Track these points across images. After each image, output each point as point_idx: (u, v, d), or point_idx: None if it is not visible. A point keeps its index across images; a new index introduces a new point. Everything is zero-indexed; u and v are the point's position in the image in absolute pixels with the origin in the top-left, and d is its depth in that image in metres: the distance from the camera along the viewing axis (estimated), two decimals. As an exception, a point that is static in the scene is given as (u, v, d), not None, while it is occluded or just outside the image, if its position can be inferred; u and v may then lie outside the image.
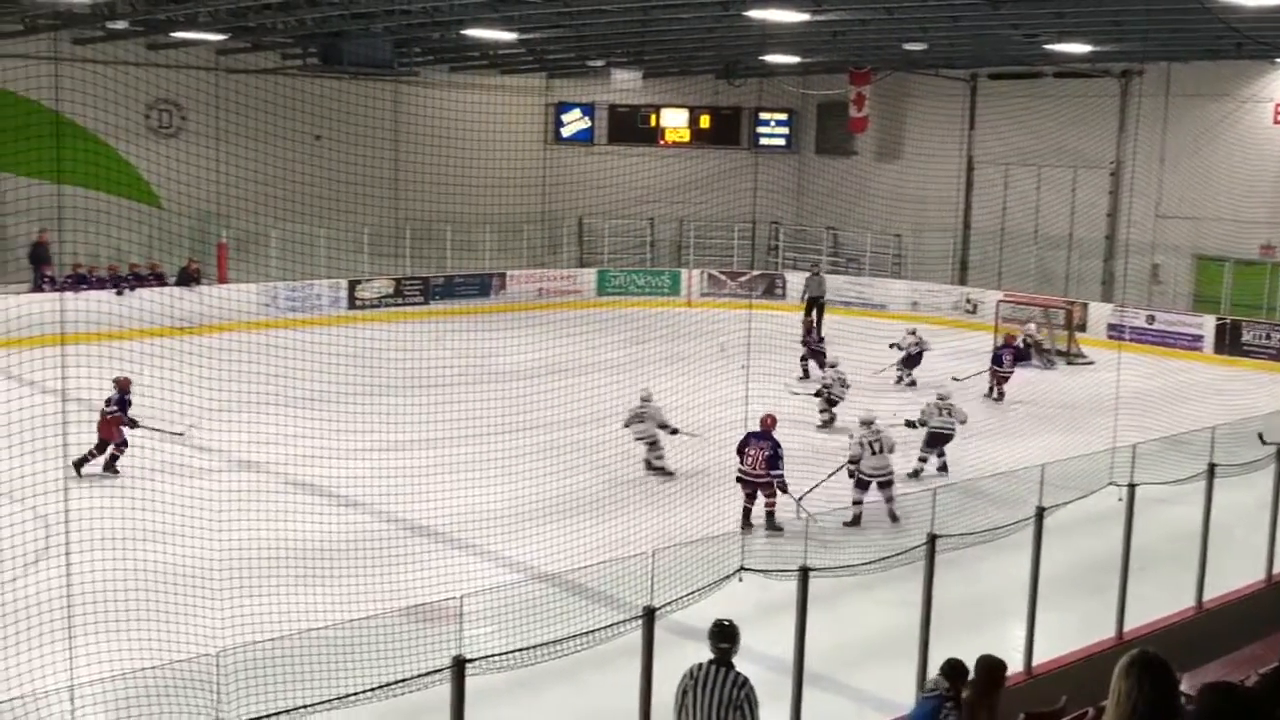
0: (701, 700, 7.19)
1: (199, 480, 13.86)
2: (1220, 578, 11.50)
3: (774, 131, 35.55)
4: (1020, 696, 8.96)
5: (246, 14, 22.33)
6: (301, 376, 16.31)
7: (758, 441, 14.50)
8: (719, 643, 7.35)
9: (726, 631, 7.38)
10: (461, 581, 10.33)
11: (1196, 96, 28.37)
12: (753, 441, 14.51)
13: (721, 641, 7.35)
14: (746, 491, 14.51)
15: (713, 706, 7.16)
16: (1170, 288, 29.10)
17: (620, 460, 16.12)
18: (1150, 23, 20.67)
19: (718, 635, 7.37)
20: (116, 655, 8.88)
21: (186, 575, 11.02)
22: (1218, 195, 28.06)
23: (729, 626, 7.41)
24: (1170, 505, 12.24)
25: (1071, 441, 16.81)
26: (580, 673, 9.42)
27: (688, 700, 7.24)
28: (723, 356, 18.93)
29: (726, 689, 7.21)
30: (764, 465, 14.35)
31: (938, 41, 25.65)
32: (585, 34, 25.57)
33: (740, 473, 14.55)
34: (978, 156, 32.66)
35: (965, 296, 31.23)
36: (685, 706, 7.24)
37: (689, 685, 7.28)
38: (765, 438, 14.58)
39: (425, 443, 15.93)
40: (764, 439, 14.55)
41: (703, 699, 7.19)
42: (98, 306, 20.88)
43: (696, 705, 7.20)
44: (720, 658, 7.33)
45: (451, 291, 30.65)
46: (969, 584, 11.76)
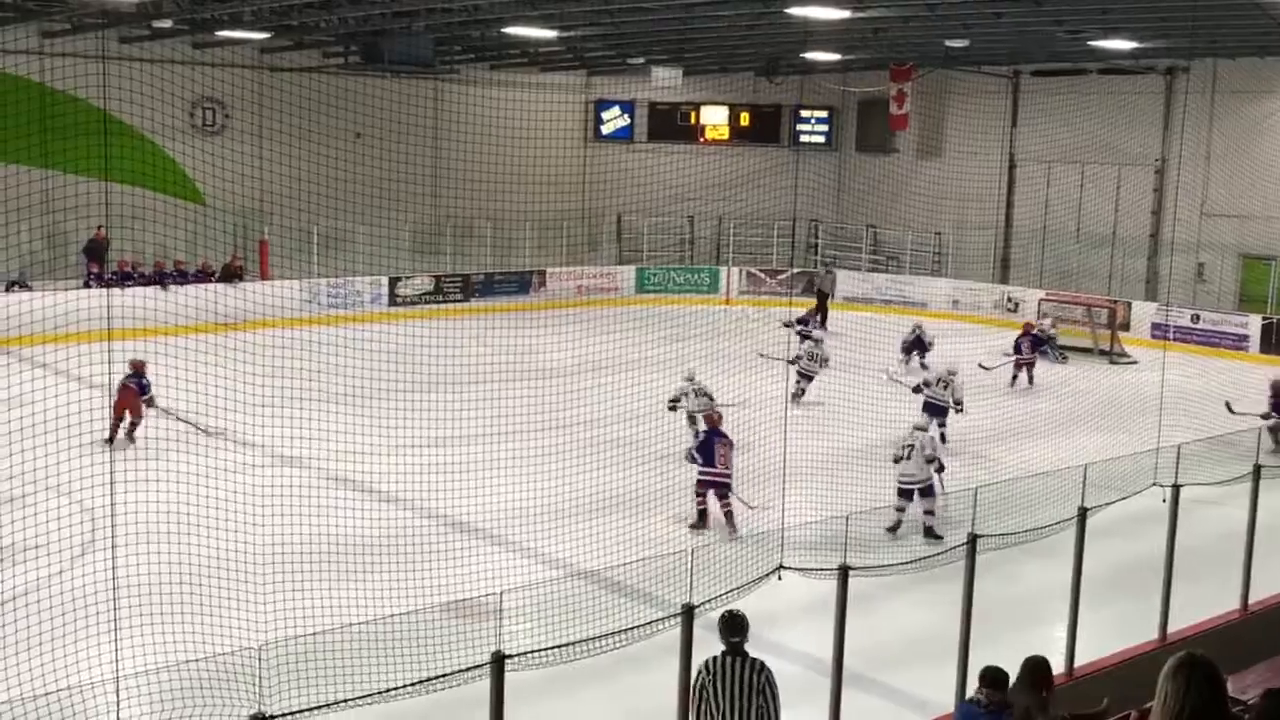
0: (723, 692, 7.22)
1: (241, 475, 13.96)
2: (1266, 580, 11.36)
3: (814, 129, 35.43)
4: (1062, 697, 8.88)
5: (289, 12, 22.51)
6: (342, 373, 16.42)
7: (722, 440, 14.46)
8: (730, 635, 7.40)
9: (737, 623, 7.44)
10: (501, 578, 10.37)
11: (1243, 93, 28.03)
12: (718, 441, 14.42)
13: (733, 635, 7.40)
14: (708, 492, 14.35)
15: (736, 696, 7.21)
16: (1215, 287, 28.78)
17: (660, 458, 16.12)
18: (1196, 19, 20.44)
19: (728, 628, 7.42)
20: (160, 648, 8.97)
21: (229, 569, 11.10)
22: (1264, 193, 27.72)
23: (739, 617, 7.47)
24: (1215, 506, 12.12)
25: (1114, 441, 16.68)
26: (618, 670, 9.44)
27: (708, 694, 7.25)
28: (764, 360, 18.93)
29: (747, 676, 7.27)
30: (730, 463, 14.36)
31: (980, 38, 25.48)
32: (625, 31, 25.57)
33: (708, 474, 14.35)
34: (1019, 154, 32.41)
35: (1006, 295, 31.01)
36: (706, 700, 7.26)
37: (706, 680, 7.30)
38: (724, 435, 14.61)
39: (465, 439, 15.99)
40: (724, 437, 14.57)
41: (724, 690, 7.23)
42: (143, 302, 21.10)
43: (719, 697, 7.22)
44: (733, 649, 7.37)
45: (491, 289, 30.75)
46: (1009, 585, 11.69)
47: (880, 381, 19.57)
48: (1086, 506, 9.70)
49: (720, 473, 14.31)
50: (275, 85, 26.15)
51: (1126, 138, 29.77)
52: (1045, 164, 31.68)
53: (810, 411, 15.09)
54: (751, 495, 14.04)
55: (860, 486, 14.50)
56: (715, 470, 14.31)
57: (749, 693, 7.24)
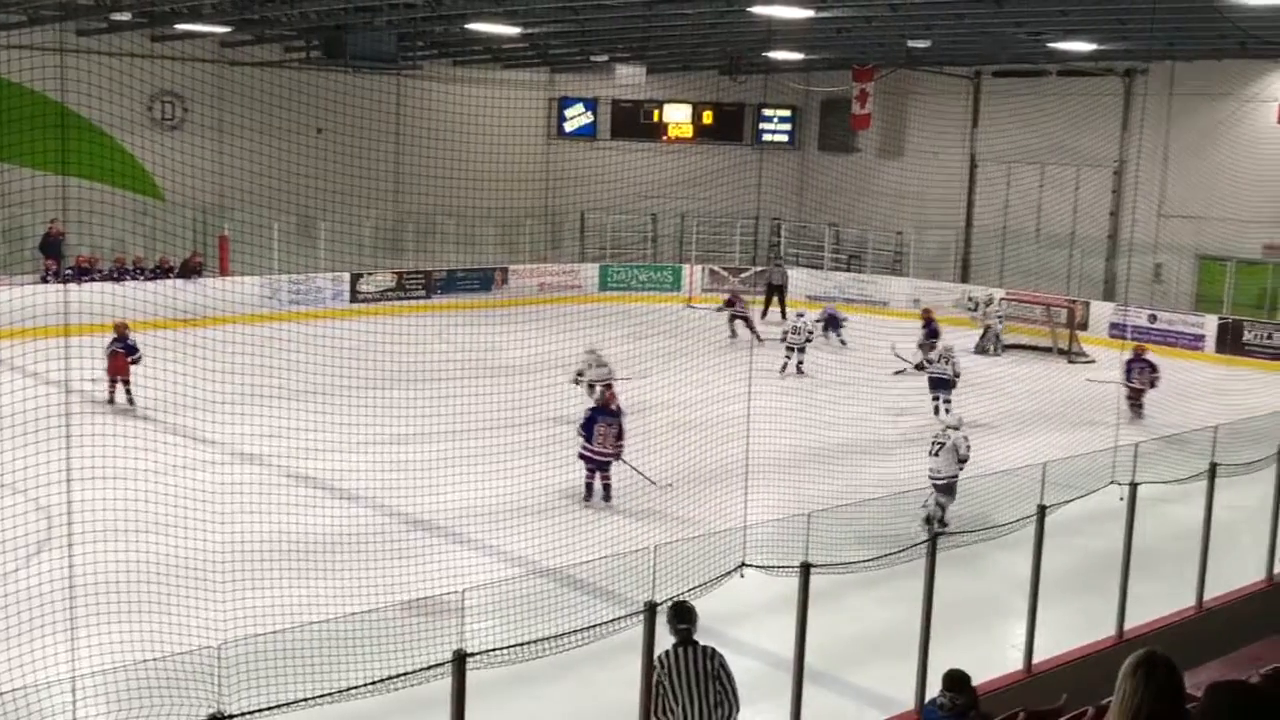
0: (680, 683, 7.35)
1: (200, 473, 13.86)
2: (1221, 577, 11.50)
3: (777, 128, 35.54)
4: (1020, 694, 8.97)
5: (250, 6, 22.34)
6: (303, 370, 16.31)
7: (605, 419, 15.02)
8: (679, 624, 7.53)
9: (684, 611, 7.58)
10: (462, 576, 10.34)
11: (1200, 96, 28.36)
12: (600, 419, 14.98)
13: (681, 622, 7.54)
14: (591, 468, 14.97)
15: (693, 685, 7.35)
16: (1172, 287, 29.09)
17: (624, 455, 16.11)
18: (1154, 21, 20.65)
19: (677, 617, 7.55)
20: (118, 647, 8.88)
21: (188, 568, 11.02)
22: (1221, 195, 28.04)
23: (686, 606, 7.61)
24: (1172, 504, 12.24)
25: (1073, 440, 16.83)
26: (581, 668, 9.43)
27: (665, 688, 7.37)
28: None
29: (701, 664, 7.42)
30: (612, 443, 14.93)
31: (941, 39, 25.62)
32: (589, 29, 25.55)
33: (589, 451, 14.96)
34: (980, 154, 32.64)
35: (967, 294, 31.22)
36: (664, 694, 7.37)
37: (662, 675, 7.41)
38: (611, 414, 15.17)
39: (427, 437, 15.93)
40: (610, 416, 15.14)
41: (681, 681, 7.36)
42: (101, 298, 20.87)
43: (677, 688, 7.35)
44: (683, 638, 7.51)
45: (453, 286, 30.64)
46: (970, 582, 11.76)
47: (840, 381, 19.66)
48: (1046, 504, 9.78)
49: (598, 450, 14.94)
50: (235, 80, 25.95)
51: (1086, 139, 30.06)
52: (1006, 164, 31.93)
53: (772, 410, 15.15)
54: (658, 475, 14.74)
55: (822, 485, 14.56)
56: (593, 448, 14.96)
57: (705, 680, 7.38)
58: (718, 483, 14.61)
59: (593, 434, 14.97)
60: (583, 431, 15.12)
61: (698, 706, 7.32)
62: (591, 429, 14.99)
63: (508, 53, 30.49)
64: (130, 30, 24.43)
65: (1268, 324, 27.07)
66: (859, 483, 14.41)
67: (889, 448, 17.56)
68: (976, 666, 9.32)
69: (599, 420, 15.02)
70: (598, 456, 14.99)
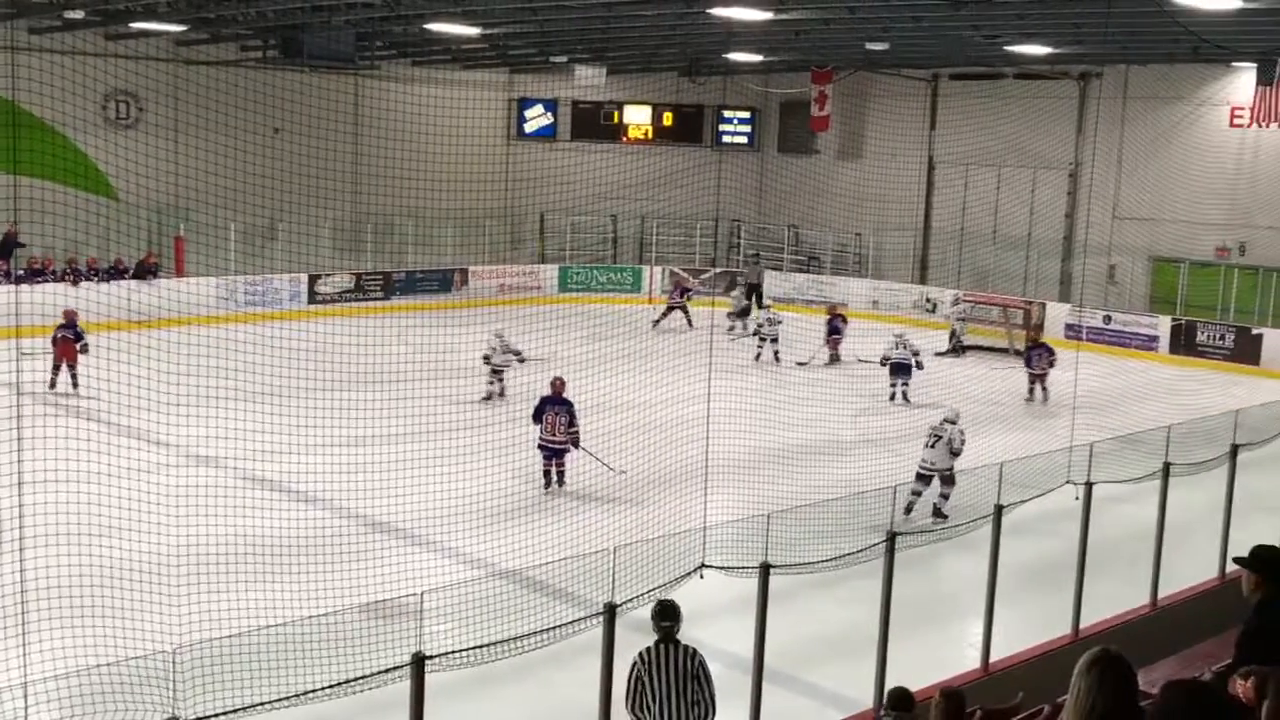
0: (659, 680, 7.38)
1: (155, 475, 13.70)
2: (1175, 575, 11.62)
3: (736, 129, 35.63)
4: (977, 693, 9.02)
5: (206, 5, 22.15)
6: (260, 371, 16.17)
7: (554, 407, 15.44)
8: (662, 621, 7.58)
9: (669, 610, 7.64)
10: (421, 578, 10.27)
11: (1154, 99, 28.69)
12: (549, 408, 15.44)
13: (664, 620, 7.59)
14: (547, 455, 15.45)
15: (672, 683, 7.38)
16: (1127, 289, 29.41)
17: (582, 457, 16.10)
18: (1109, 26, 20.86)
19: (661, 614, 7.61)
20: (71, 652, 8.75)
21: (142, 571, 10.89)
22: (1174, 197, 28.37)
23: (670, 604, 7.67)
24: (1126, 504, 12.36)
25: (1029, 440, 16.96)
26: (541, 670, 9.41)
27: (644, 684, 7.39)
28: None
29: (681, 663, 7.45)
30: (562, 430, 15.37)
31: (899, 41, 25.77)
32: (548, 30, 25.50)
33: (541, 440, 15.45)
34: (938, 156, 32.86)
35: (925, 295, 31.42)
36: (643, 691, 7.39)
37: (641, 671, 7.42)
38: (560, 403, 15.53)
39: (385, 439, 15.85)
40: (559, 404, 15.51)
41: (660, 678, 7.39)
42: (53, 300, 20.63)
43: (656, 685, 7.37)
44: (665, 636, 7.55)
45: (412, 287, 30.51)
46: (928, 582, 11.83)
47: (803, 383, 19.74)
48: (1002, 504, 9.85)
49: (548, 438, 15.43)
50: (191, 79, 25.73)
51: (1041, 141, 30.33)
52: (963, 166, 32.16)
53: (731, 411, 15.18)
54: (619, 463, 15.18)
55: (781, 485, 14.60)
56: (545, 436, 15.49)
57: (684, 679, 7.41)
58: (677, 484, 14.63)
59: (542, 421, 15.48)
60: (534, 420, 15.61)
61: (675, 704, 7.36)
62: (541, 417, 15.50)
63: (467, 53, 30.38)
64: (84, 29, 24.14)
65: (1220, 325, 27.41)
66: (818, 483, 14.47)
67: (847, 448, 17.64)
68: (934, 666, 9.40)
69: (548, 409, 15.46)
70: (550, 444, 15.44)
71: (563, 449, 15.49)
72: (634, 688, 7.42)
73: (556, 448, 15.48)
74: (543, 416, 15.51)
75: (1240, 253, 28.17)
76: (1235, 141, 28.06)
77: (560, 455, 15.52)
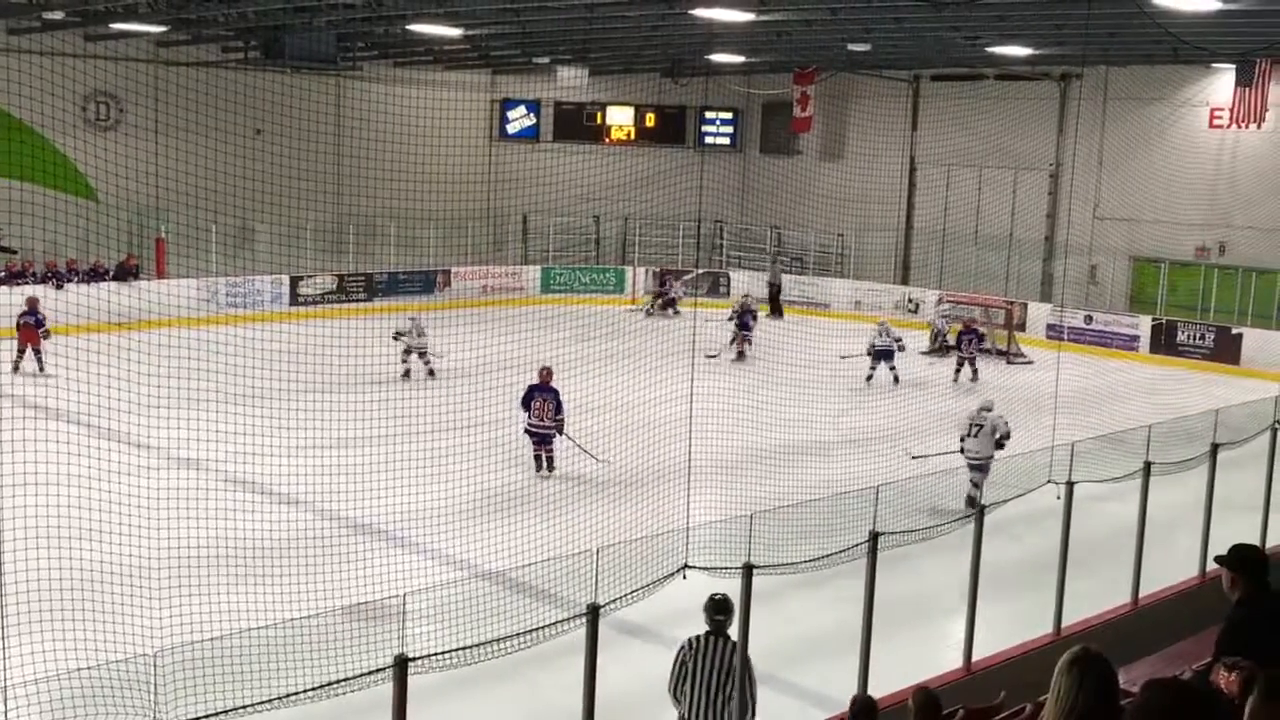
0: (702, 668, 7.75)
1: (136, 478, 13.64)
2: (1156, 574, 11.67)
3: (719, 130, 35.67)
4: (959, 692, 9.04)
5: (187, 5, 22.06)
6: (242, 373, 16.12)
7: (542, 394, 16.18)
8: (715, 615, 7.91)
9: (723, 605, 7.93)
10: (403, 580, 10.26)
11: (1134, 100, 28.82)
12: (537, 395, 16.18)
13: (718, 614, 7.90)
14: (536, 441, 16.22)
15: (713, 674, 7.74)
16: (1107, 289, 29.54)
17: (565, 458, 16.10)
18: (1089, 27, 20.96)
19: (714, 608, 7.93)
20: (51, 655, 8.72)
21: (123, 574, 10.84)
22: (1154, 198, 28.52)
23: (724, 600, 7.93)
24: (1107, 502, 12.41)
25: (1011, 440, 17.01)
26: (524, 671, 9.40)
27: (687, 669, 7.79)
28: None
29: (725, 657, 7.80)
30: (550, 416, 16.12)
31: (881, 42, 25.84)
32: (530, 31, 25.48)
33: (530, 425, 16.20)
34: (920, 157, 32.96)
35: (907, 296, 31.51)
36: (685, 675, 7.79)
37: (688, 656, 7.83)
38: (548, 390, 16.25)
39: (367, 440, 15.82)
40: (547, 391, 16.23)
41: (703, 667, 7.75)
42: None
43: (698, 672, 7.75)
44: (716, 629, 7.87)
45: (395, 288, 30.46)
46: (911, 581, 11.85)
47: (785, 383, 19.77)
48: (985, 503, 9.88)
49: (536, 424, 16.18)
50: (172, 80, 25.57)
51: (1022, 142, 30.45)
52: (945, 167, 32.26)
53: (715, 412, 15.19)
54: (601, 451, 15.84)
55: (764, 485, 14.64)
56: (533, 421, 16.25)
57: (724, 673, 7.74)
58: (660, 484, 14.64)
59: (530, 408, 16.18)
60: (522, 407, 16.30)
61: (711, 695, 7.67)
62: (529, 404, 16.21)
63: (449, 54, 30.34)
64: (64, 29, 24.03)
65: (1200, 325, 27.56)
66: (801, 483, 14.51)
67: (830, 448, 17.68)
68: (916, 665, 9.43)
69: (536, 395, 16.19)
70: (538, 429, 16.11)
71: (550, 434, 16.11)
72: (678, 672, 7.81)
73: (545, 433, 16.11)
74: (531, 403, 16.14)
75: (1220, 253, 28.33)
76: (1215, 142, 28.22)
77: (549, 441, 16.17)
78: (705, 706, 7.73)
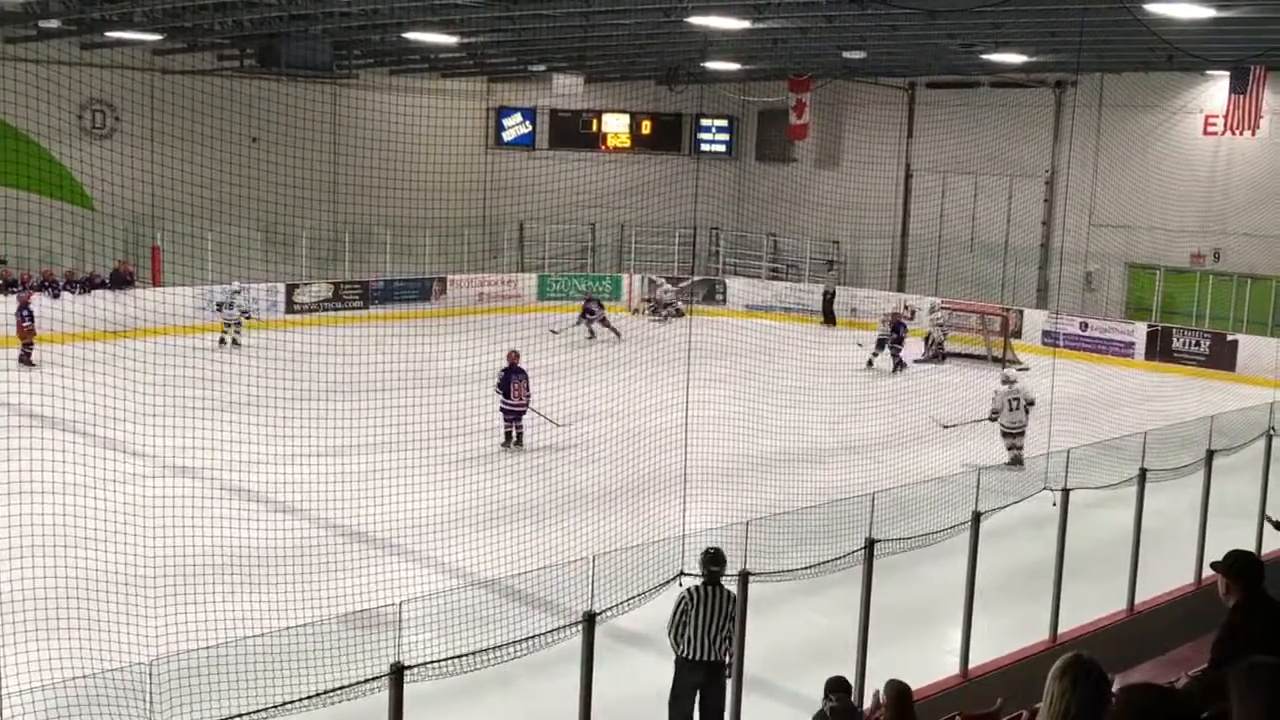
0: (703, 614, 8.62)
1: (133, 486, 13.64)
2: (1151, 580, 11.68)
3: (715, 138, 35.70)
4: (956, 699, 9.05)
5: (183, 14, 22.05)
6: (237, 381, 16.12)
7: (516, 376, 17.59)
8: (711, 566, 8.66)
9: (717, 557, 8.68)
10: (399, 588, 10.25)
11: (1129, 107, 28.87)
12: (514, 378, 17.57)
13: (713, 565, 8.66)
14: (509, 419, 17.64)
15: (712, 618, 8.64)
16: (1103, 295, 29.57)
17: (562, 465, 16.10)
18: (1083, 35, 21.00)
19: (711, 560, 8.68)
20: (47, 664, 8.71)
21: (119, 583, 10.83)
22: (1149, 204, 28.56)
23: (719, 552, 8.70)
24: (1103, 509, 12.42)
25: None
26: (520, 679, 9.40)
27: (689, 616, 8.64)
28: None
29: (722, 604, 8.65)
30: (524, 395, 17.61)
31: (876, 50, 25.88)
32: (526, 38, 25.52)
33: (507, 404, 17.59)
34: (915, 164, 33.00)
35: (903, 303, 31.51)
36: (686, 621, 8.66)
37: (688, 604, 8.64)
38: (519, 371, 17.67)
39: (363, 448, 15.82)
40: (518, 373, 17.65)
41: (704, 613, 8.63)
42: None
43: (699, 618, 8.62)
44: (712, 579, 8.66)
45: (391, 296, 30.46)
46: (907, 588, 11.85)
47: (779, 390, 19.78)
48: (981, 510, 9.88)
49: (515, 404, 17.63)
50: (168, 88, 25.62)
51: (1018, 149, 30.50)
52: (940, 174, 32.30)
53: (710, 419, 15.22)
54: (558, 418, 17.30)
55: (761, 492, 14.65)
56: (512, 401, 17.64)
57: (722, 618, 8.64)
58: (657, 491, 14.64)
59: (509, 389, 17.57)
60: (500, 390, 17.65)
61: (711, 637, 8.64)
62: (508, 386, 17.59)
63: (445, 62, 30.37)
64: (60, 38, 24.02)
65: (1195, 331, 27.59)
66: (797, 490, 14.52)
67: (827, 455, 17.69)
68: (913, 671, 9.38)
69: (513, 378, 17.61)
70: (515, 408, 17.60)
71: (523, 411, 17.59)
72: (679, 619, 8.66)
73: (519, 410, 17.58)
74: (509, 385, 17.53)
75: (1215, 259, 28.38)
76: (1210, 149, 28.27)
77: (520, 417, 17.65)
78: (706, 646, 8.65)
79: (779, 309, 31.98)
